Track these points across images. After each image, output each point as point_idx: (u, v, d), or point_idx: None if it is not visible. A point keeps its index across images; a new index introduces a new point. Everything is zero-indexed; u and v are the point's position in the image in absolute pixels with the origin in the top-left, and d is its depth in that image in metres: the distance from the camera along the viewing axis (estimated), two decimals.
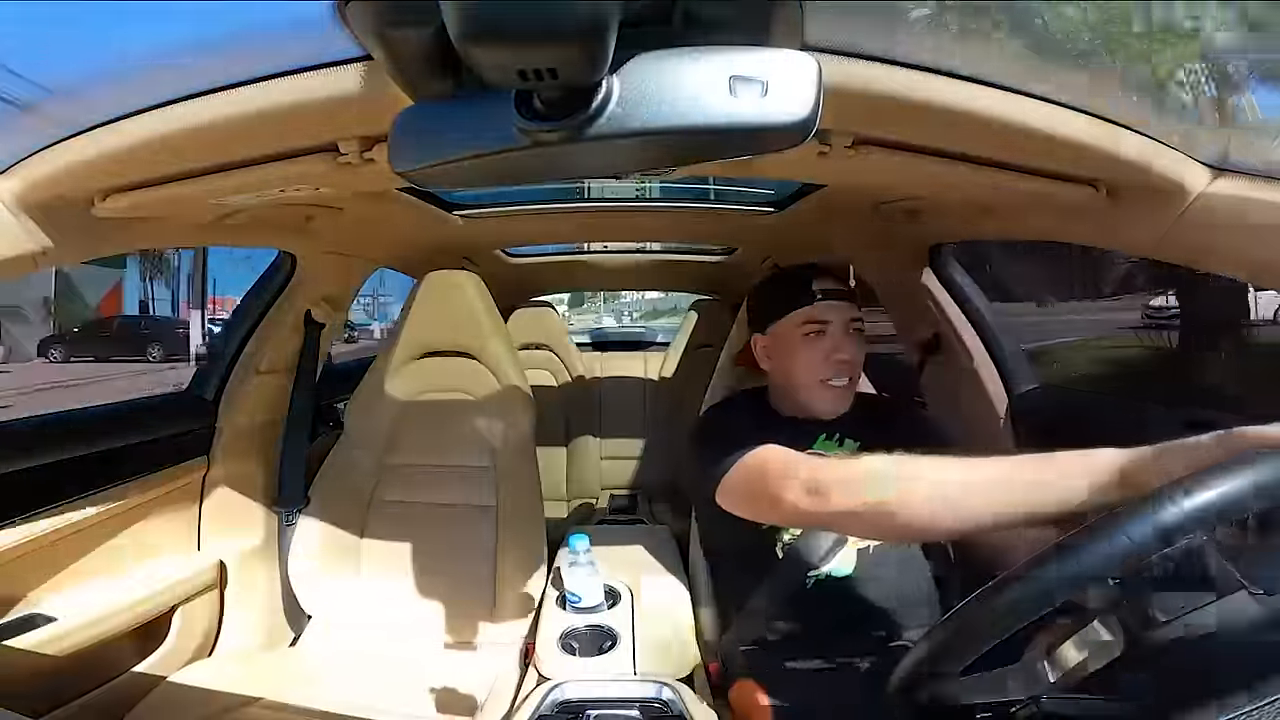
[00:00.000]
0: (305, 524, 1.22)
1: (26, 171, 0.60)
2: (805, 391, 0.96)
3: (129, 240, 0.79)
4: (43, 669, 0.86)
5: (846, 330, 0.94)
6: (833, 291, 0.95)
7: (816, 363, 0.93)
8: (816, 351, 0.94)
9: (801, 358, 0.95)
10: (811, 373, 0.94)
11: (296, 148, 0.60)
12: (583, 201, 1.47)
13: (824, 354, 0.93)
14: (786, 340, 0.97)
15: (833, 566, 0.88)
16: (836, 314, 0.94)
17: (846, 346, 0.94)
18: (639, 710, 0.83)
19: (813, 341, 0.94)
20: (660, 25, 0.36)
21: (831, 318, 0.94)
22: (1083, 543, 0.40)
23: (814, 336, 0.94)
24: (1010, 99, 0.50)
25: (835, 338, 0.94)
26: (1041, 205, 0.78)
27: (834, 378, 0.93)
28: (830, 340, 0.94)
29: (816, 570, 0.88)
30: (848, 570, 0.88)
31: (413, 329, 1.33)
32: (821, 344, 0.94)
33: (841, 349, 0.93)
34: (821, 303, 0.94)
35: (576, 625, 1.01)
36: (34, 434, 0.97)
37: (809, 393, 0.95)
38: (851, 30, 0.44)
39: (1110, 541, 0.39)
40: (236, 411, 1.23)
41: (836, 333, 0.94)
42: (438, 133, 0.36)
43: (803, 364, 0.95)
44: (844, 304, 0.95)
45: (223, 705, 0.95)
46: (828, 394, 0.94)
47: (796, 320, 0.95)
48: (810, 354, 0.94)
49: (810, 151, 0.61)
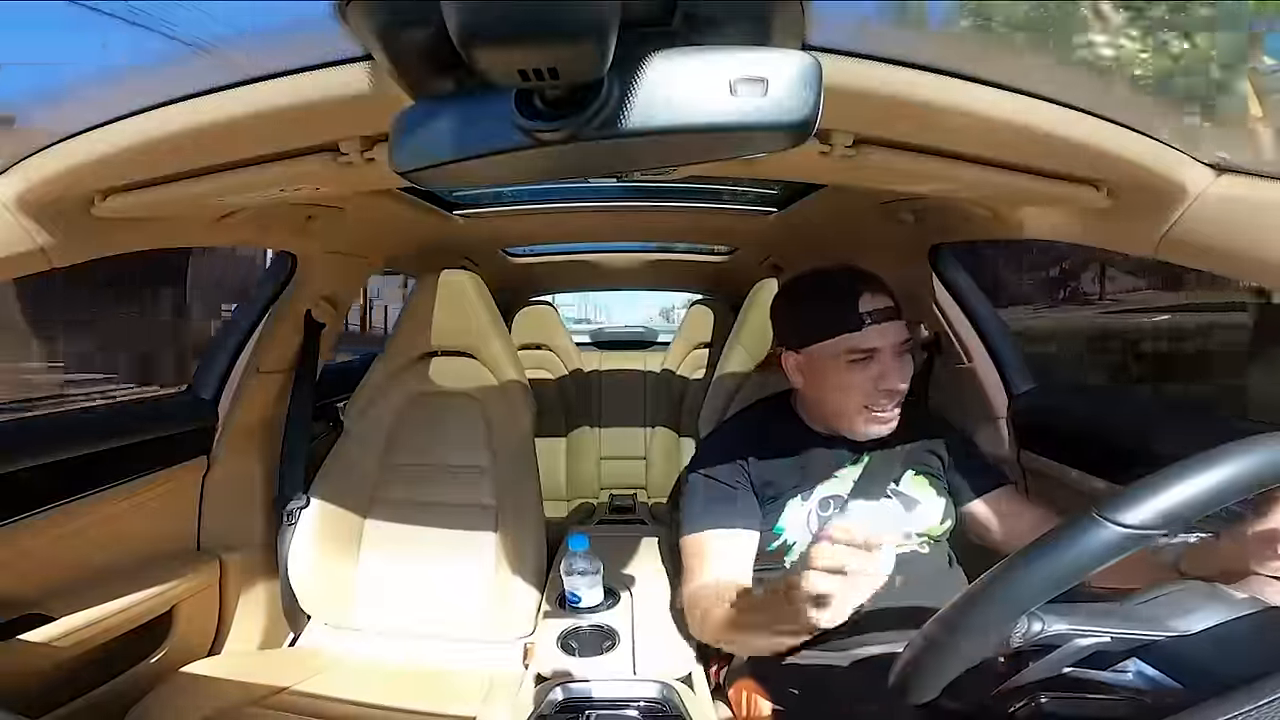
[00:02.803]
0: (305, 523, 1.22)
1: (26, 171, 0.60)
2: (845, 418, 0.89)
3: (129, 240, 0.79)
4: (43, 669, 0.86)
5: (897, 354, 0.86)
6: (881, 312, 0.85)
7: (863, 391, 0.86)
8: (864, 380, 0.86)
9: (844, 384, 0.87)
10: (856, 400, 0.87)
11: (297, 148, 0.60)
12: (583, 201, 1.47)
13: (872, 382, 0.85)
14: (827, 364, 0.88)
15: None
16: (886, 339, 0.85)
17: (897, 374, 0.85)
18: (639, 710, 0.83)
19: (860, 368, 0.86)
20: (660, 25, 0.36)
21: (880, 344, 0.85)
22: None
23: (861, 364, 0.86)
24: (1011, 99, 0.50)
25: (885, 364, 0.85)
26: (1042, 205, 0.78)
27: (882, 405, 0.87)
28: (878, 367, 0.85)
29: None
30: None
31: (413, 328, 1.33)
32: (869, 371, 0.85)
33: (890, 376, 0.85)
34: (871, 328, 0.85)
35: (576, 625, 1.01)
36: (34, 434, 0.97)
37: (850, 419, 0.89)
38: (851, 30, 0.44)
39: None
40: (237, 411, 1.22)
41: (886, 359, 0.85)
42: (438, 132, 0.36)
43: (846, 391, 0.87)
44: (893, 324, 0.86)
45: (222, 704, 0.95)
46: (873, 420, 0.88)
47: (840, 346, 0.86)
48: (857, 382, 0.86)
49: (810, 151, 0.61)
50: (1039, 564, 0.41)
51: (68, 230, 0.67)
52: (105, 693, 0.95)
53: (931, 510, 0.92)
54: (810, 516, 0.91)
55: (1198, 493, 0.37)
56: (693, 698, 0.86)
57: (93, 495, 0.98)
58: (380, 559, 1.25)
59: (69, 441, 0.97)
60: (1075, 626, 0.42)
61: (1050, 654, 0.43)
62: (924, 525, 0.91)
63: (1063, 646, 0.42)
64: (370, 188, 0.88)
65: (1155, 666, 0.41)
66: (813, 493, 0.92)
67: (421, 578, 1.23)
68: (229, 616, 1.19)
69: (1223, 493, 0.37)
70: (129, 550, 1.05)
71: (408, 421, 1.32)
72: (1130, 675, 0.42)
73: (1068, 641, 0.42)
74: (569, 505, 2.26)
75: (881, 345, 0.85)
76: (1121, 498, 0.39)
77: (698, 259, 2.15)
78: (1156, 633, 0.42)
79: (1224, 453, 0.38)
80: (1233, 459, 0.38)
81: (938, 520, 0.92)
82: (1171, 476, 0.38)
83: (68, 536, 0.95)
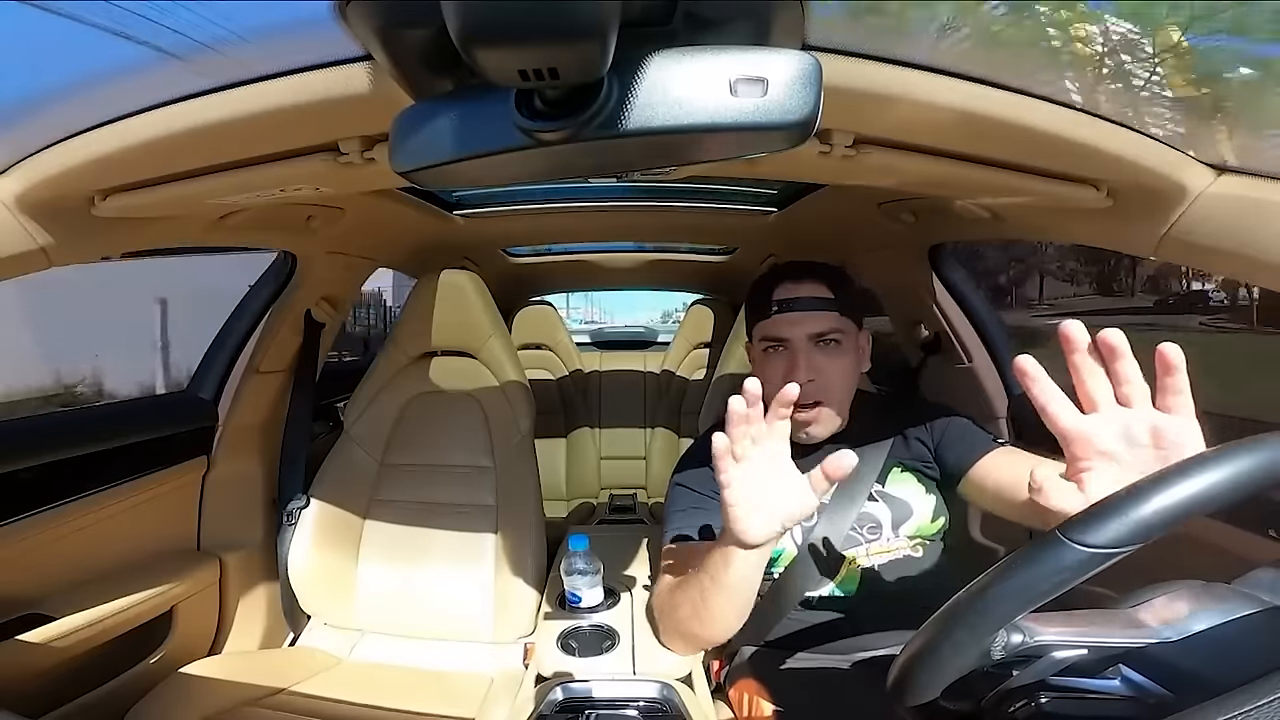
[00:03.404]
0: (305, 523, 1.22)
1: (26, 171, 0.60)
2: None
3: (129, 240, 0.79)
4: (43, 669, 0.86)
5: (813, 345, 0.84)
6: (792, 301, 0.84)
7: (773, 385, 0.80)
8: (775, 372, 0.84)
9: (763, 377, 0.82)
10: (771, 395, 0.83)
11: (297, 148, 0.60)
12: (583, 201, 1.47)
13: (780, 374, 0.83)
14: (755, 354, 0.89)
15: (834, 588, 0.87)
16: (795, 328, 0.84)
17: (804, 367, 0.82)
18: (639, 710, 0.83)
19: (772, 359, 0.85)
20: (661, 25, 0.36)
21: (789, 334, 0.84)
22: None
23: (773, 353, 0.85)
24: (1011, 99, 0.50)
25: (793, 356, 0.84)
26: (1042, 205, 0.78)
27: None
28: (786, 359, 0.84)
29: (811, 595, 0.87)
30: (851, 591, 0.87)
31: (413, 328, 1.33)
32: (779, 363, 0.84)
33: (796, 371, 0.82)
34: (778, 315, 0.84)
35: (576, 625, 1.00)
36: (34, 434, 0.97)
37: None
38: (852, 30, 0.44)
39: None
40: (236, 411, 1.23)
41: (795, 350, 0.84)
42: (438, 132, 0.36)
43: (766, 385, 0.82)
44: (806, 315, 0.83)
45: (222, 704, 0.95)
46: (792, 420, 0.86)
47: (758, 335, 0.87)
48: (770, 374, 0.84)
49: (810, 151, 0.61)
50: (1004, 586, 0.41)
51: (68, 230, 0.67)
52: (105, 693, 0.95)
53: (920, 509, 0.90)
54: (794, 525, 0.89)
55: (1161, 509, 0.38)
56: (693, 698, 0.86)
57: (93, 495, 0.98)
58: (380, 559, 1.25)
59: (69, 441, 0.97)
60: (1057, 637, 0.42)
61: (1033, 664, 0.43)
62: (914, 526, 0.89)
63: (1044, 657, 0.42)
64: (370, 188, 0.88)
65: (1142, 673, 0.41)
66: None
67: (421, 578, 1.23)
68: (229, 616, 1.19)
69: (1187, 508, 0.37)
70: (129, 550, 1.05)
71: (408, 421, 1.32)
72: (1117, 682, 0.42)
73: (1049, 652, 0.42)
74: (569, 505, 2.26)
75: (790, 335, 0.84)
76: (1085, 518, 0.39)
77: (698, 259, 2.15)
78: (1141, 639, 0.41)
79: (1186, 468, 0.38)
80: (1195, 474, 0.38)
81: (928, 519, 0.90)
82: (1135, 494, 0.38)
83: (68, 536, 0.95)
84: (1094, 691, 0.42)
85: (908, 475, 0.93)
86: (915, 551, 0.89)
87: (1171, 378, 0.45)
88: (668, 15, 0.35)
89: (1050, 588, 0.39)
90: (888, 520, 0.89)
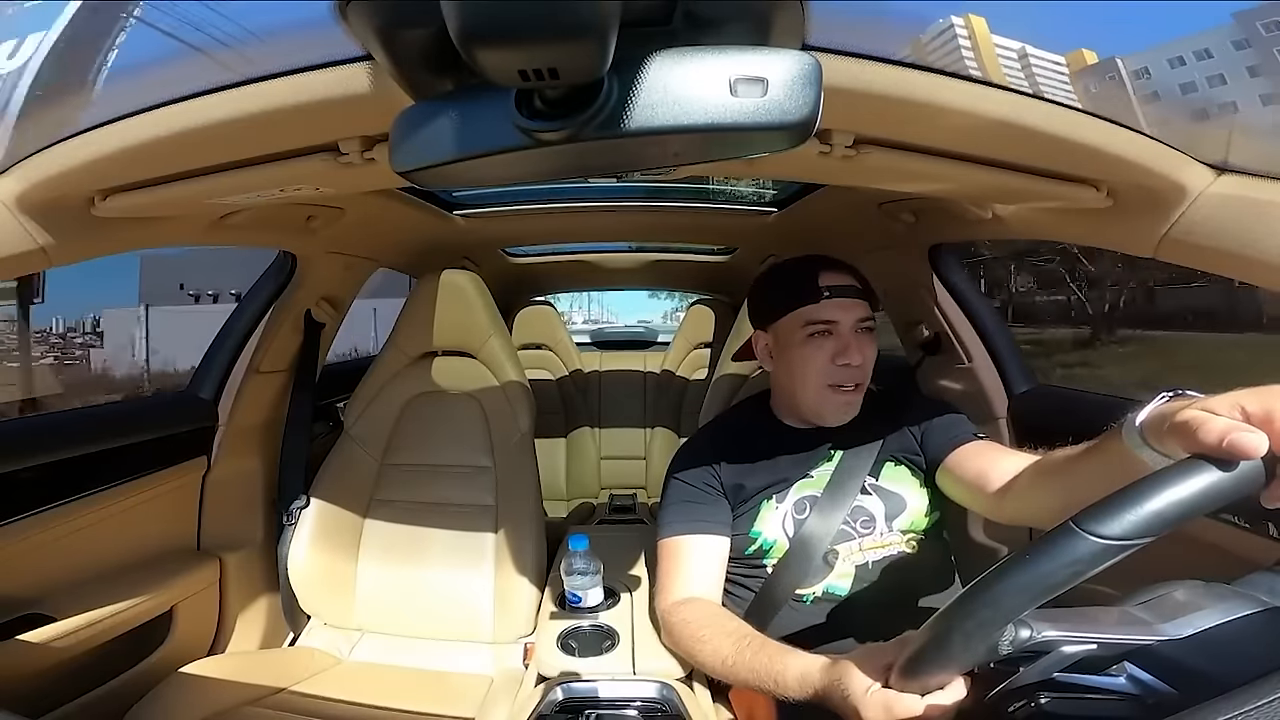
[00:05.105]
0: (305, 523, 1.22)
1: (26, 171, 0.60)
2: (809, 397, 0.90)
3: (129, 240, 0.79)
4: (43, 669, 0.86)
5: (855, 330, 0.88)
6: (841, 288, 0.88)
7: (821, 366, 0.87)
8: (821, 354, 0.87)
9: (805, 360, 0.88)
10: (817, 377, 0.88)
11: (297, 148, 0.60)
12: (583, 201, 1.47)
13: (829, 356, 0.87)
14: (789, 339, 0.90)
15: (828, 584, 0.87)
16: (845, 313, 0.87)
17: (855, 349, 0.86)
18: (639, 710, 0.83)
19: (818, 343, 0.88)
20: (661, 25, 0.36)
21: (839, 317, 0.87)
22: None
23: (819, 337, 0.88)
24: (1011, 99, 0.50)
25: (843, 339, 0.87)
26: (1042, 205, 0.78)
27: (841, 383, 0.88)
28: (837, 341, 0.87)
29: (805, 591, 0.87)
30: (845, 587, 0.87)
31: (413, 328, 1.33)
32: (827, 345, 0.87)
33: (849, 352, 0.86)
34: (829, 300, 0.87)
35: (576, 625, 1.01)
36: (34, 434, 0.97)
37: (814, 398, 0.90)
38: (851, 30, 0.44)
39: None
40: (236, 411, 1.23)
41: (844, 333, 0.87)
42: (438, 132, 0.36)
43: (807, 367, 0.88)
44: (853, 301, 0.88)
45: (222, 704, 0.95)
46: (834, 401, 0.89)
47: (800, 319, 0.88)
48: (815, 356, 0.88)
49: (810, 151, 0.61)
50: (1018, 577, 0.41)
51: (68, 230, 0.67)
52: (105, 693, 0.95)
53: (914, 502, 0.90)
54: (786, 519, 0.90)
55: (1174, 502, 0.38)
56: (693, 698, 0.86)
57: (93, 495, 0.98)
58: (380, 559, 1.25)
59: (69, 441, 0.97)
60: (1064, 633, 0.42)
61: (1040, 660, 0.43)
62: (907, 520, 0.89)
63: (1051, 653, 0.42)
64: (370, 188, 0.88)
65: (1148, 671, 0.41)
66: (787, 493, 0.91)
67: (421, 578, 1.23)
68: (229, 616, 1.19)
69: (1200, 502, 0.38)
70: (129, 550, 1.05)
71: (408, 421, 1.32)
72: (1123, 680, 0.42)
73: (1056, 648, 0.42)
74: (569, 505, 2.26)
75: (839, 319, 0.87)
76: (1099, 510, 0.39)
77: (698, 259, 2.15)
78: (1147, 637, 0.41)
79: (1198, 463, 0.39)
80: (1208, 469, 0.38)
81: (922, 513, 0.90)
82: (1149, 486, 0.38)
83: (68, 536, 0.94)
84: (1099, 688, 0.42)
85: (901, 468, 0.93)
86: (909, 548, 0.89)
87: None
88: (668, 15, 0.35)
89: (1064, 579, 0.39)
90: (881, 514, 0.89)
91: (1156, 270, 9.26)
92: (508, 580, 1.19)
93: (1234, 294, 8.65)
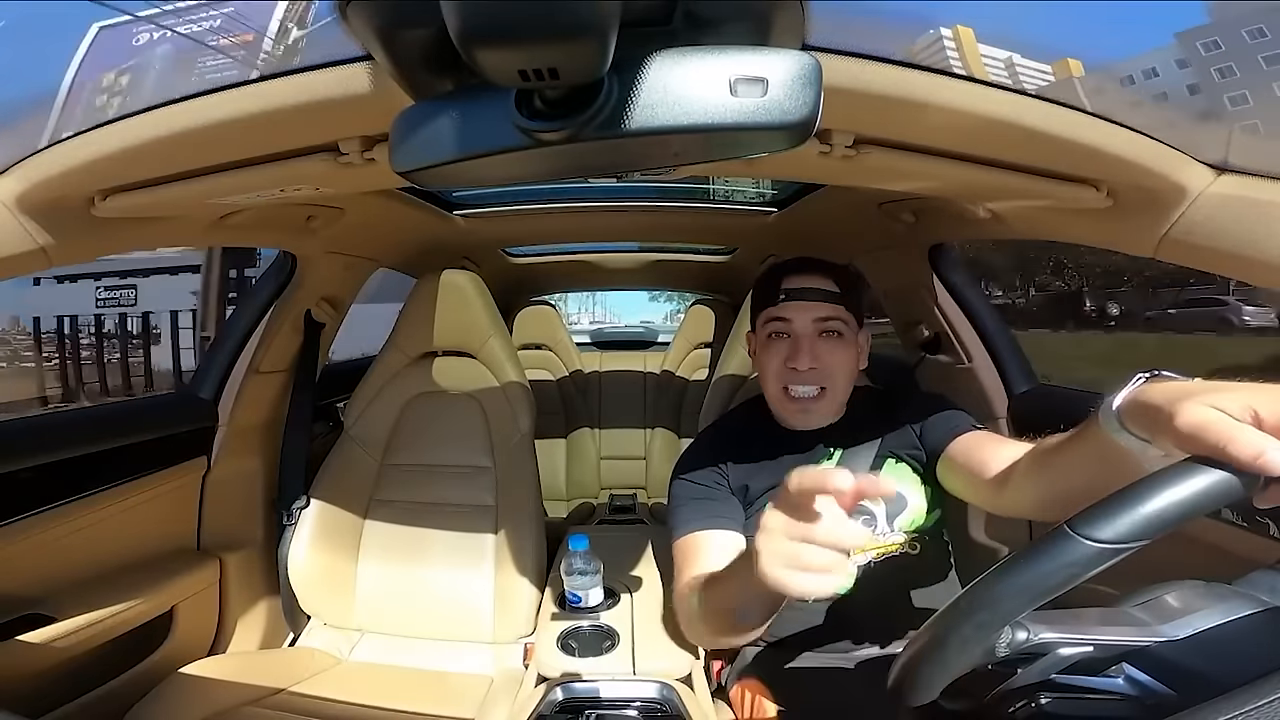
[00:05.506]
0: (305, 523, 1.22)
1: (26, 171, 0.60)
2: (772, 399, 0.91)
3: (129, 240, 0.79)
4: (43, 669, 0.86)
5: (817, 334, 0.86)
6: (801, 290, 0.87)
7: (776, 369, 0.87)
8: (777, 357, 0.87)
9: (765, 362, 0.89)
10: (774, 380, 0.88)
11: (297, 148, 0.60)
12: (583, 201, 1.47)
13: (782, 359, 0.86)
14: (760, 340, 0.91)
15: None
16: (800, 314, 0.86)
17: (805, 353, 0.85)
18: (639, 710, 0.83)
19: (775, 344, 0.88)
20: (661, 25, 0.36)
21: (792, 317, 0.86)
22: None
23: (776, 339, 0.87)
24: (1011, 99, 0.50)
25: (795, 341, 0.86)
26: (1042, 205, 0.78)
27: (794, 385, 0.87)
28: (789, 344, 0.86)
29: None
30: (847, 587, 0.86)
31: (413, 328, 1.33)
32: (781, 348, 0.87)
33: (799, 355, 0.85)
34: (786, 302, 0.87)
35: (576, 625, 1.01)
36: (34, 434, 0.97)
37: (774, 401, 0.90)
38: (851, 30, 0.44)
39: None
40: (236, 411, 1.23)
41: (798, 335, 0.86)
42: (438, 132, 0.36)
43: (765, 369, 0.89)
44: (812, 303, 0.86)
45: (222, 704, 0.95)
46: (791, 406, 0.88)
47: (763, 320, 0.89)
48: (771, 359, 0.88)
49: (810, 151, 0.61)
50: (1014, 581, 0.41)
51: (68, 230, 0.67)
52: (105, 693, 0.95)
53: (915, 501, 0.89)
54: None
55: (1171, 505, 0.37)
56: (693, 698, 0.86)
57: (93, 495, 0.98)
58: (380, 559, 1.26)
59: (69, 441, 0.97)
60: (1061, 635, 0.42)
61: (1037, 662, 0.43)
62: (909, 519, 0.89)
63: (1049, 655, 0.42)
64: (370, 188, 0.88)
65: (1146, 672, 0.41)
66: None
67: (421, 578, 1.23)
68: (229, 616, 1.19)
69: (1197, 505, 0.37)
70: (129, 550, 1.05)
71: (408, 421, 1.32)
72: (1121, 681, 0.42)
73: (1054, 650, 0.42)
74: (569, 505, 2.26)
75: (794, 319, 0.86)
76: (1095, 513, 0.39)
77: (698, 259, 2.15)
78: (1145, 638, 0.41)
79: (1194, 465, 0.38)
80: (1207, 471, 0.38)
81: (923, 511, 0.89)
82: (1144, 489, 0.38)
83: (68, 536, 0.94)
84: (1097, 690, 0.42)
85: (902, 466, 0.92)
86: (912, 549, 0.89)
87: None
88: (668, 15, 0.35)
89: (1059, 583, 0.39)
90: (882, 512, 0.89)
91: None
92: (508, 580, 1.19)
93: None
